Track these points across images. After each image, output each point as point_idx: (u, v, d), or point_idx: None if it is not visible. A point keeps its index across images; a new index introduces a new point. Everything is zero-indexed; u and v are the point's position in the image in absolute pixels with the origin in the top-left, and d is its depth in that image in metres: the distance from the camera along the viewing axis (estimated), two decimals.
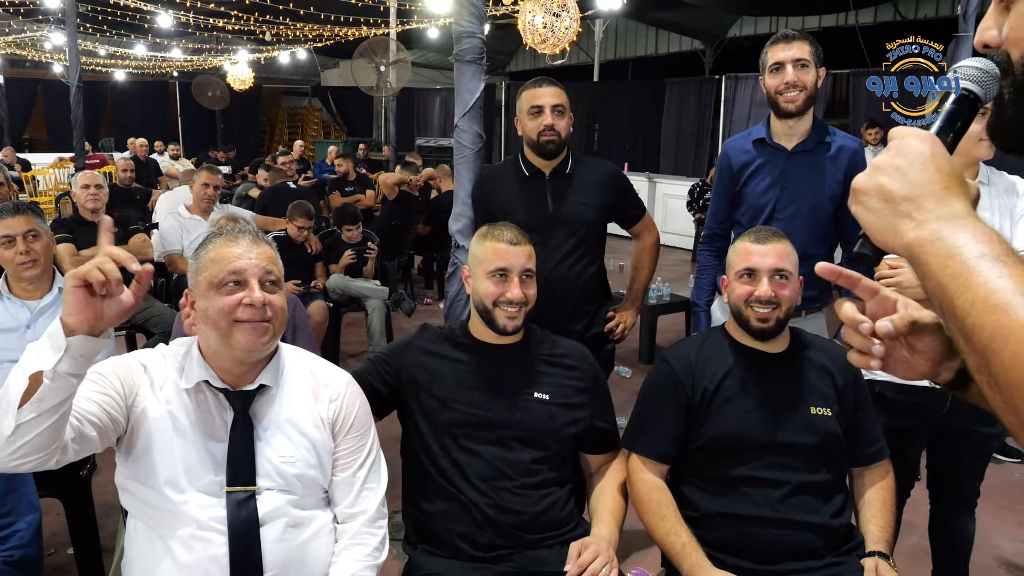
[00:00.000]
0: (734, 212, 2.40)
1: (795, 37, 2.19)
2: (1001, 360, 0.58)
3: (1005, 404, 0.60)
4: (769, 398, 1.70)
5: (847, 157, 2.26)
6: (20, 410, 1.12)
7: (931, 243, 0.66)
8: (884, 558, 1.62)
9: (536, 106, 2.29)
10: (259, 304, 1.35)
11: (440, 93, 15.62)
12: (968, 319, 0.61)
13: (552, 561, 1.57)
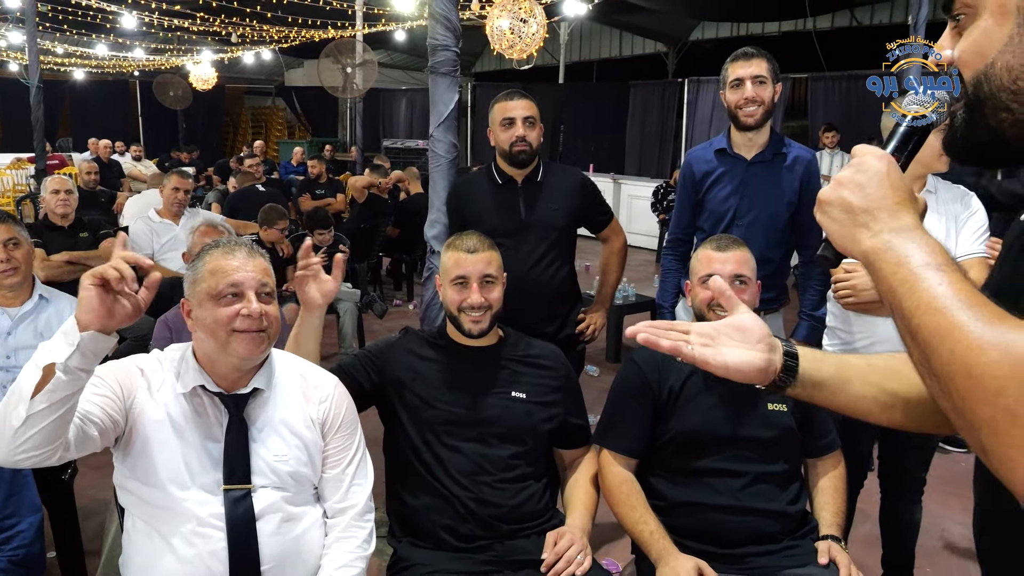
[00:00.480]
0: (697, 218, 2.53)
1: (754, 55, 2.32)
2: (939, 355, 0.67)
3: (942, 392, 0.69)
4: (730, 395, 1.83)
5: (802, 167, 2.40)
6: (32, 400, 1.19)
7: (884, 251, 0.76)
8: (837, 541, 1.75)
9: (508, 118, 2.40)
10: (256, 315, 1.43)
11: (406, 94, 15.62)
12: (913, 319, 0.70)
13: (530, 550, 1.68)
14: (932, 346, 0.68)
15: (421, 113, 15.24)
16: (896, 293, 0.73)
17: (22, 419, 1.20)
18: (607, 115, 12.09)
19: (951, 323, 0.66)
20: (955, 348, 0.65)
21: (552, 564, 1.63)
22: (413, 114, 15.44)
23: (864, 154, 0.83)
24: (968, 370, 0.64)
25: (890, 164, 0.81)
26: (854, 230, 0.80)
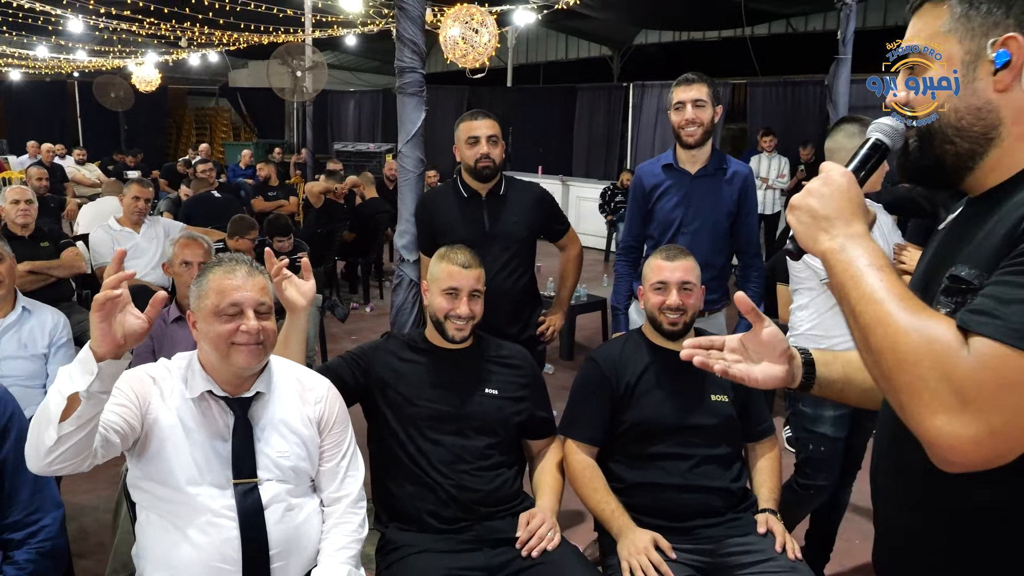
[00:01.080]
0: (647, 227, 2.76)
1: (695, 81, 2.56)
2: (875, 335, 0.87)
3: (875, 363, 0.88)
4: (679, 389, 2.06)
5: (740, 181, 2.66)
6: (61, 424, 1.32)
7: (838, 251, 0.95)
8: (773, 513, 1.99)
9: (473, 136, 2.59)
10: (254, 331, 1.59)
11: (354, 96, 15.58)
12: (857, 306, 0.90)
13: (506, 529, 1.88)
14: (870, 328, 0.88)
15: (370, 115, 15.25)
16: (845, 286, 0.92)
17: (53, 439, 1.33)
18: (555, 118, 12.34)
19: (885, 311, 0.86)
20: (887, 330, 0.85)
21: (526, 541, 1.84)
22: (361, 116, 15.42)
23: (830, 170, 1.01)
24: (895, 347, 0.85)
25: (850, 180, 0.99)
26: (816, 232, 0.98)
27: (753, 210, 2.76)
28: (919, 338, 0.83)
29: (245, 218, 4.86)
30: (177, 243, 2.86)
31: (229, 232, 4.67)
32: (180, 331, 2.74)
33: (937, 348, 0.82)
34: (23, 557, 1.60)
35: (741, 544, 1.90)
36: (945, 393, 0.81)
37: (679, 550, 1.87)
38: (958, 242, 1.01)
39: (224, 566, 1.55)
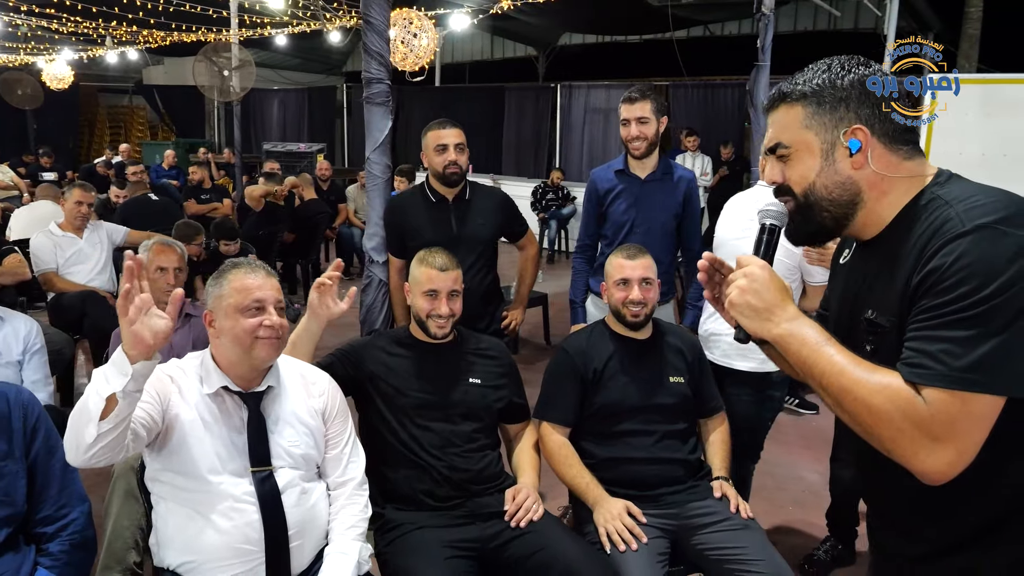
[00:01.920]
0: (601, 227, 2.99)
1: (638, 99, 2.80)
2: (847, 401, 1.05)
3: (853, 422, 1.07)
4: (641, 373, 2.30)
5: (684, 185, 2.92)
6: (101, 423, 1.44)
7: (788, 337, 1.13)
8: (725, 480, 2.25)
9: (441, 144, 2.76)
10: (276, 326, 1.74)
11: (278, 94, 15.35)
12: (823, 380, 1.08)
13: (494, 504, 2.07)
14: (842, 396, 1.06)
15: (296, 115, 15.05)
16: (807, 363, 1.10)
17: (93, 436, 1.45)
18: (484, 117, 12.50)
19: (850, 380, 1.06)
20: (856, 396, 1.05)
21: (514, 513, 2.03)
22: (287, 116, 15.20)
23: (750, 264, 1.19)
24: (868, 408, 1.04)
25: (769, 270, 1.18)
26: (761, 323, 1.16)
27: (696, 211, 3.02)
28: (884, 399, 1.03)
29: (191, 223, 4.88)
30: (151, 249, 2.92)
31: (176, 237, 4.67)
32: None
33: (901, 403, 1.02)
34: (57, 549, 1.69)
35: (701, 507, 2.15)
36: (919, 436, 1.01)
37: (648, 515, 2.10)
38: (861, 284, 1.23)
39: (248, 547, 1.69)
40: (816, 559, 2.84)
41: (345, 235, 8.05)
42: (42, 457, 1.68)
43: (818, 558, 2.84)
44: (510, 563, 1.98)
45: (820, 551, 2.86)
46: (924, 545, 1.20)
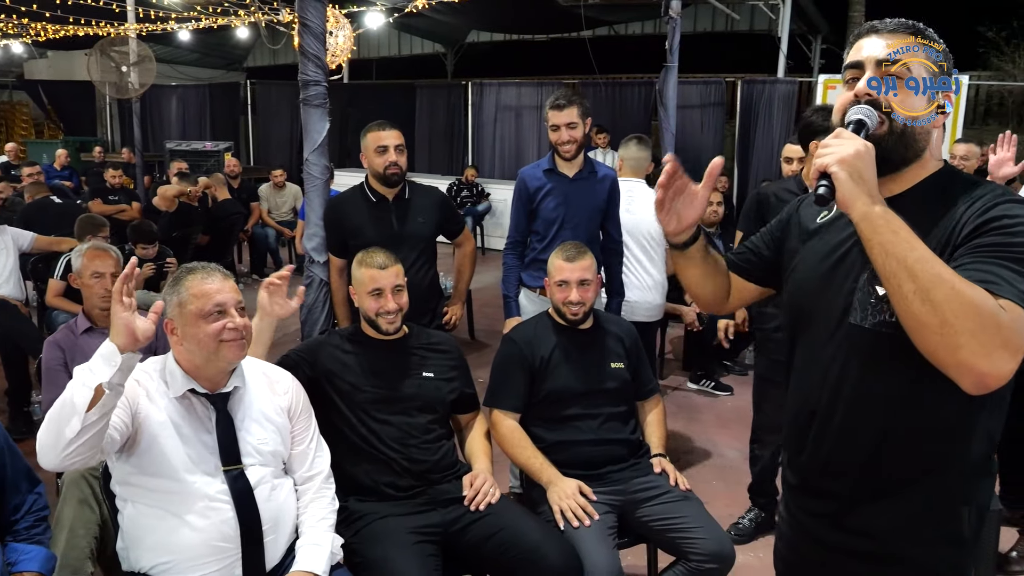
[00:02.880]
0: (531, 224, 3.12)
1: (565, 105, 2.96)
2: (941, 290, 1.04)
3: (933, 311, 1.04)
4: (584, 360, 2.45)
5: (608, 183, 3.11)
6: (87, 414, 1.47)
7: (882, 217, 1.10)
8: (663, 457, 2.43)
9: (382, 146, 2.83)
10: (240, 328, 1.78)
11: (176, 91, 14.76)
12: (916, 266, 1.06)
13: (452, 491, 2.17)
14: (935, 283, 1.05)
15: (196, 112, 14.51)
16: (898, 246, 1.08)
17: (77, 430, 1.48)
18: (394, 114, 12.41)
19: (944, 271, 1.06)
20: (953, 286, 1.05)
21: (472, 498, 2.14)
22: (186, 113, 14.63)
23: (854, 139, 1.15)
24: (961, 299, 1.04)
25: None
26: (861, 193, 1.12)
27: (618, 205, 3.21)
28: (976, 295, 1.05)
29: (93, 217, 4.73)
30: (85, 254, 2.85)
31: (78, 234, 4.51)
32: (91, 341, 2.75)
33: (990, 303, 1.05)
34: (23, 527, 1.73)
35: (644, 483, 2.32)
36: (995, 338, 1.04)
37: (597, 492, 2.25)
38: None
39: (224, 544, 1.73)
40: (741, 527, 3.07)
41: (259, 235, 7.90)
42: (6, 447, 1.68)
43: (743, 526, 3.08)
44: (472, 545, 2.09)
45: (745, 519, 3.10)
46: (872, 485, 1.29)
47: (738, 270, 1.61)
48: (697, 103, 9.38)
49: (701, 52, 11.37)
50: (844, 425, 1.32)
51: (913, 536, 1.29)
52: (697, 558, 2.13)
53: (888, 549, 1.31)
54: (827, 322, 1.34)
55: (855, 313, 1.27)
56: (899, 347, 1.18)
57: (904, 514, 1.29)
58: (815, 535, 1.42)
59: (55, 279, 4.21)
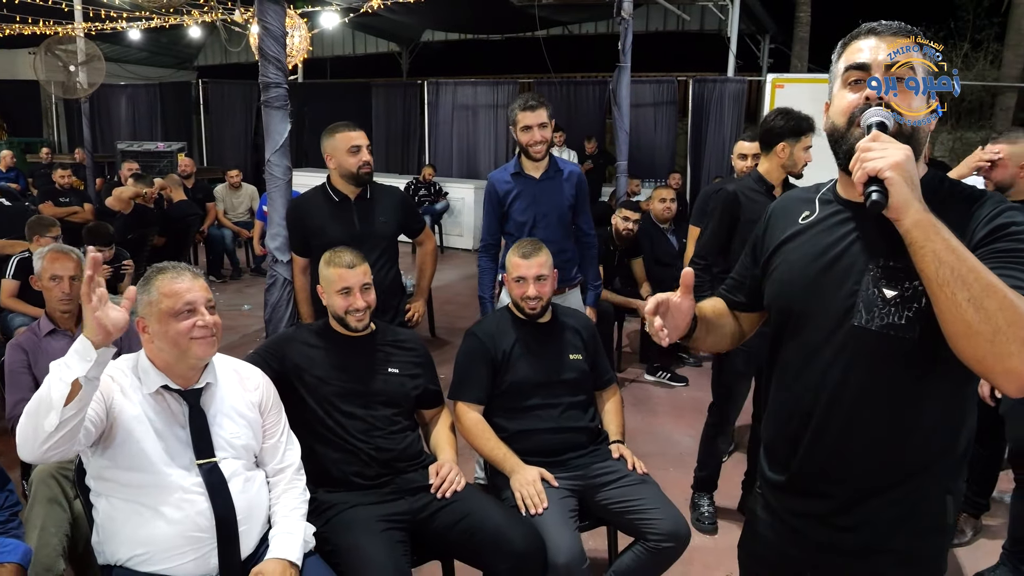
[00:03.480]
0: (503, 226, 3.21)
1: (537, 106, 3.06)
2: (994, 300, 1.04)
3: (986, 320, 1.04)
4: (544, 352, 2.54)
5: (575, 178, 3.23)
6: (65, 408, 1.52)
7: (934, 224, 1.09)
8: (621, 443, 2.54)
9: (355, 146, 2.90)
10: (210, 325, 1.83)
11: (127, 90, 14.46)
12: (969, 276, 1.06)
13: (419, 480, 2.25)
14: (987, 291, 1.05)
15: (147, 112, 14.25)
16: (956, 255, 1.07)
17: (55, 424, 1.52)
18: (350, 113, 12.40)
19: (996, 282, 1.06)
20: (1005, 295, 1.05)
21: (439, 486, 2.22)
22: (136, 113, 14.35)
23: (896, 143, 1.13)
24: (1013, 308, 1.04)
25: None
26: (911, 197, 1.10)
27: (587, 199, 3.32)
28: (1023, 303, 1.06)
29: (42, 217, 4.68)
30: (45, 257, 2.85)
31: (28, 235, 4.46)
32: (54, 343, 2.76)
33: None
34: (0, 519, 1.74)
35: (603, 467, 2.43)
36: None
37: (558, 478, 2.34)
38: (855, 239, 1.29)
39: (200, 534, 1.79)
40: (706, 514, 3.18)
41: (215, 236, 7.84)
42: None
43: (707, 513, 3.18)
44: (439, 531, 2.17)
45: (705, 508, 3.20)
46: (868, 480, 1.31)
47: (738, 307, 1.60)
48: (650, 101, 9.58)
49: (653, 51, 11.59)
50: (844, 427, 1.32)
51: (903, 528, 1.32)
52: (655, 538, 2.24)
53: (878, 542, 1.34)
54: (824, 324, 1.32)
55: (859, 315, 1.26)
56: (905, 349, 1.21)
57: (897, 508, 1.31)
58: (802, 533, 1.42)
59: (7, 279, 4.17)
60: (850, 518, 1.35)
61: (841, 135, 1.29)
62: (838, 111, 1.29)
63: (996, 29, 10.70)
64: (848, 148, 1.25)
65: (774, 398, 1.47)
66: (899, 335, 1.23)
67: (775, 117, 2.94)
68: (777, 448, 1.46)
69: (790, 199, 1.50)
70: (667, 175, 8.89)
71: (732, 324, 1.59)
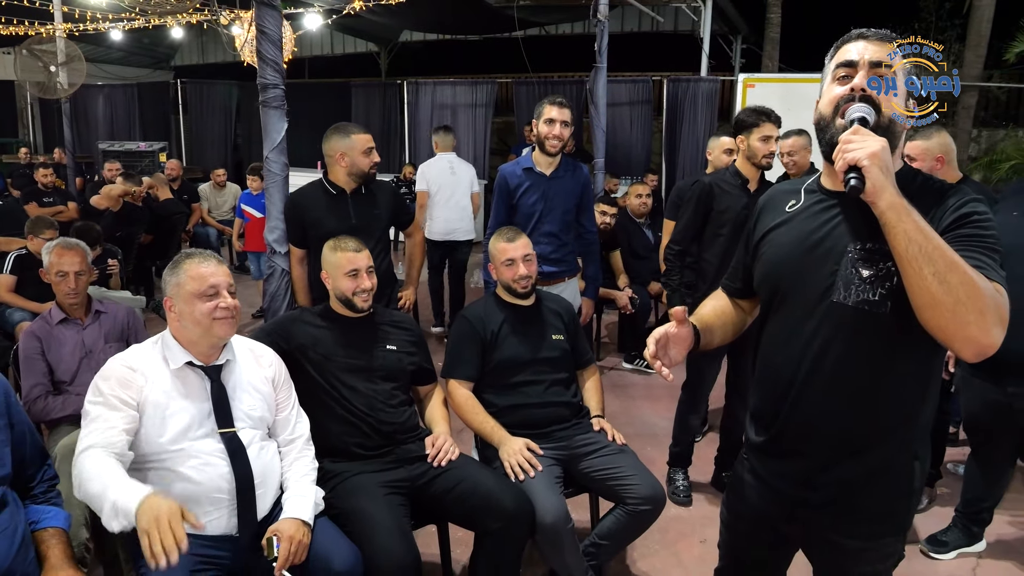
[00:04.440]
0: (512, 218, 3.41)
1: (565, 105, 3.28)
2: (956, 275, 1.18)
3: (948, 292, 1.18)
4: (529, 332, 2.75)
5: (582, 178, 3.46)
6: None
7: (905, 207, 1.22)
8: (601, 417, 2.75)
9: (370, 147, 3.12)
10: (232, 307, 2.02)
11: (104, 90, 14.42)
12: (937, 252, 1.19)
13: (416, 450, 2.45)
14: (951, 268, 1.19)
15: (124, 112, 14.22)
16: (921, 235, 1.20)
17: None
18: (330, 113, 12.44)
19: (957, 259, 1.20)
20: (965, 271, 1.19)
21: (435, 456, 2.42)
22: (114, 112, 14.31)
23: (873, 135, 1.26)
24: (973, 283, 1.19)
25: None
26: (886, 183, 1.23)
27: (591, 198, 3.56)
28: (980, 280, 1.21)
29: (43, 218, 4.80)
30: (52, 252, 2.98)
31: (28, 230, 4.59)
32: (66, 331, 2.91)
33: (990, 287, 1.22)
34: (40, 491, 1.92)
35: (584, 439, 2.64)
36: (995, 315, 1.21)
37: (544, 448, 2.55)
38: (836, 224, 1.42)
39: (220, 496, 1.97)
40: (681, 487, 3.40)
41: (201, 235, 7.96)
42: (18, 426, 1.86)
43: (682, 487, 3.40)
44: (436, 496, 2.36)
45: (680, 482, 3.42)
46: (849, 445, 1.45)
47: (736, 293, 1.75)
48: (626, 101, 9.80)
49: (629, 52, 11.86)
50: (822, 392, 1.46)
51: (875, 488, 1.46)
52: (633, 501, 2.45)
53: (850, 500, 1.48)
54: (807, 300, 1.46)
55: (838, 292, 1.40)
56: (878, 322, 1.35)
57: (869, 469, 1.45)
58: (781, 491, 1.57)
59: (4, 274, 4.28)
60: (825, 476, 1.48)
61: (826, 124, 1.42)
62: (826, 101, 1.43)
63: (958, 30, 11.09)
64: (830, 137, 1.40)
65: (760, 368, 1.61)
66: (873, 310, 1.37)
67: (739, 113, 3.19)
68: (762, 413, 1.60)
69: (777, 191, 1.64)
70: (643, 172, 9.12)
71: (734, 314, 1.75)
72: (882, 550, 1.54)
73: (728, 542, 1.82)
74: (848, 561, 1.56)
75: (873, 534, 1.51)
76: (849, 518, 1.50)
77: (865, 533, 1.51)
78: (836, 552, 1.56)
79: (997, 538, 3.11)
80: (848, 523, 1.51)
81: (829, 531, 1.54)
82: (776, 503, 1.59)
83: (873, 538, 1.52)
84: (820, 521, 1.53)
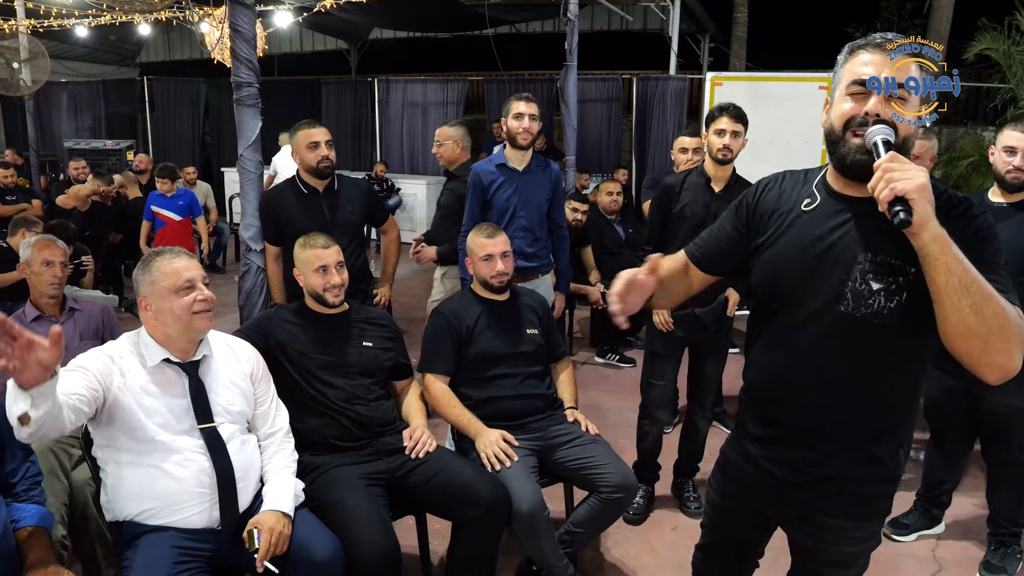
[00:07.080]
0: (486, 215, 3.45)
1: (532, 100, 3.34)
2: (991, 306, 1.22)
3: (983, 323, 1.22)
4: (504, 327, 2.80)
5: (553, 174, 3.52)
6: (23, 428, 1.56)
7: (946, 239, 1.23)
8: (575, 408, 2.82)
9: (314, 142, 3.10)
10: (209, 299, 2.04)
11: (68, 87, 14.17)
12: (974, 285, 1.22)
13: (394, 443, 2.49)
14: (986, 300, 1.22)
15: (88, 109, 14.00)
16: (963, 267, 1.22)
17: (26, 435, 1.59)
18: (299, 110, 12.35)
19: (992, 291, 1.24)
20: (999, 303, 1.23)
21: (412, 448, 2.46)
22: (79, 110, 14.07)
23: (913, 164, 1.25)
24: (1006, 315, 1.23)
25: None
26: (931, 215, 1.23)
27: (562, 195, 3.59)
28: (1011, 309, 1.26)
29: (27, 216, 4.76)
30: (34, 246, 2.97)
31: (13, 228, 4.55)
32: (40, 329, 2.89)
33: (1015, 315, 1.26)
34: (22, 488, 1.92)
35: (559, 430, 2.70)
36: (1020, 341, 1.25)
37: (519, 439, 2.60)
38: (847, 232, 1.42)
39: (202, 490, 1.99)
40: (636, 507, 3.22)
41: None
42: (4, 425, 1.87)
43: (638, 506, 3.23)
44: (414, 487, 2.41)
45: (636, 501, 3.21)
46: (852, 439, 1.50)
47: (700, 265, 1.73)
48: (596, 98, 9.90)
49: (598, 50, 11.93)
50: (819, 390, 1.50)
51: (861, 474, 1.53)
52: (606, 489, 2.52)
53: (837, 485, 1.54)
54: (811, 306, 1.47)
55: (846, 302, 1.42)
56: (884, 334, 1.39)
57: (857, 457, 1.52)
58: (771, 474, 1.62)
59: None
60: (816, 464, 1.54)
61: (838, 139, 1.42)
62: (837, 116, 1.41)
63: (918, 31, 11.34)
64: (843, 154, 1.40)
65: (759, 361, 1.64)
66: (880, 323, 1.39)
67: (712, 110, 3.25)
68: (759, 405, 1.64)
69: (786, 181, 1.61)
70: (614, 169, 9.23)
71: (682, 283, 1.75)
72: (864, 530, 1.61)
73: (713, 520, 1.87)
74: (830, 540, 1.61)
75: (859, 515, 1.58)
76: (838, 499, 1.55)
77: (855, 513, 1.57)
78: (820, 530, 1.61)
79: (955, 519, 3.23)
80: (836, 504, 1.56)
81: (815, 511, 1.59)
82: (765, 484, 1.64)
83: (857, 518, 1.58)
84: (808, 501, 1.59)
